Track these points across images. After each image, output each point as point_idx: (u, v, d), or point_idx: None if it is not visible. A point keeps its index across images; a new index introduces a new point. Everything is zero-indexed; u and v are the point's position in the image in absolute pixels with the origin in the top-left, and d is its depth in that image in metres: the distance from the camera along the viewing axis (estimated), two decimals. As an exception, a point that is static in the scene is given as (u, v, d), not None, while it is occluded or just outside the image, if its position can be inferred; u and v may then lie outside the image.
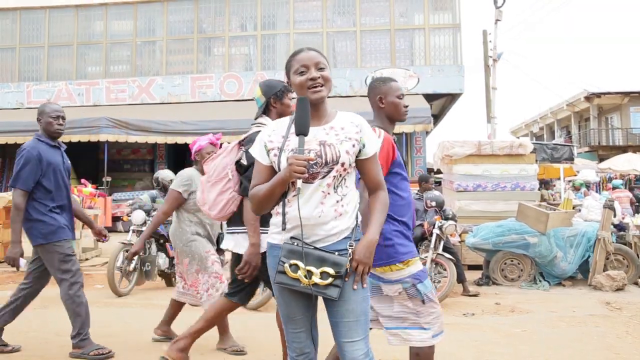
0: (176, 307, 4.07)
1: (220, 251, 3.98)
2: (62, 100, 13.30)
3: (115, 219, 11.28)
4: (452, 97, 13.61)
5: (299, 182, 1.89)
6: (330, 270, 1.90)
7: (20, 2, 13.89)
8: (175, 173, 7.22)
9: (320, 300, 2.05)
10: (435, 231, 5.95)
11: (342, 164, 1.96)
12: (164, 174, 6.79)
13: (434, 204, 6.66)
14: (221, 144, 3.51)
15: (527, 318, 4.95)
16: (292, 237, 1.97)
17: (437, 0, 12.91)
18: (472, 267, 7.06)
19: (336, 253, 1.93)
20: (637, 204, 12.82)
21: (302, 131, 1.91)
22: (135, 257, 5.89)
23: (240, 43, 13.80)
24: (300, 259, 1.91)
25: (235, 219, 2.98)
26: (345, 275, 1.92)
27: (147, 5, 13.63)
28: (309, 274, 1.91)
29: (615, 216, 7.29)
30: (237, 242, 2.98)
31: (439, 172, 11.97)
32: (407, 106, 2.66)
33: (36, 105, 13.36)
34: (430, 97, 12.52)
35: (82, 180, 9.23)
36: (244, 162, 2.90)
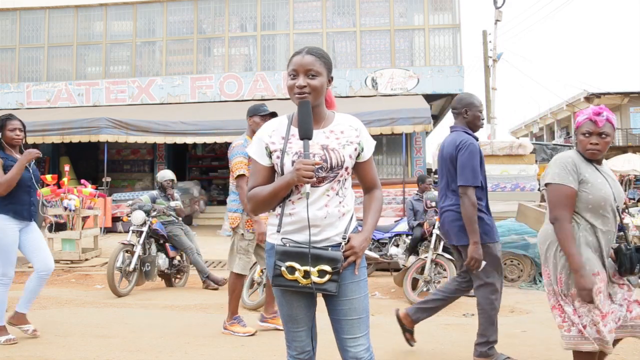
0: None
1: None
2: (62, 101, 13.32)
3: (115, 219, 11.29)
4: (452, 98, 13.57)
5: (308, 186, 1.90)
6: (327, 268, 1.91)
7: (20, 2, 13.89)
8: (175, 173, 7.27)
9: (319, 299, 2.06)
10: (435, 231, 5.93)
11: (346, 168, 2.00)
12: (163, 174, 6.80)
13: (434, 204, 6.66)
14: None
15: (527, 318, 4.95)
16: (283, 238, 1.98)
17: (437, 1, 12.90)
18: (472, 268, 7.05)
19: (329, 248, 1.95)
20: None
21: (306, 135, 1.92)
22: (135, 258, 5.90)
23: (240, 43, 13.79)
24: (295, 260, 1.93)
25: None
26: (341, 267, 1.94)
27: (147, 5, 13.63)
28: (307, 274, 1.92)
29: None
30: None
31: (438, 172, 11.95)
32: None
33: (36, 105, 13.38)
34: (430, 98, 12.52)
35: (82, 181, 9.22)
36: None
